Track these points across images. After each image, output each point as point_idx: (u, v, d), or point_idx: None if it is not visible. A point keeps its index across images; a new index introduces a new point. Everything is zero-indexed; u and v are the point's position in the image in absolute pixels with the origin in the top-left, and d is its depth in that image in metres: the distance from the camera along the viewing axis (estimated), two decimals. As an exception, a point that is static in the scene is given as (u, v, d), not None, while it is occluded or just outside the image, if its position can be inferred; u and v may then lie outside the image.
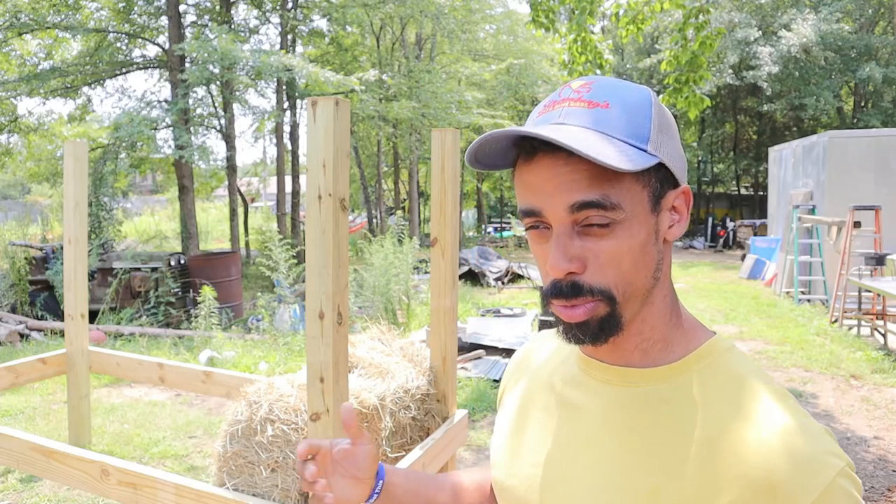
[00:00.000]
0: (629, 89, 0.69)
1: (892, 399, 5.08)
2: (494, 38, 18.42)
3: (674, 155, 0.69)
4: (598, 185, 0.64)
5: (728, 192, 25.31)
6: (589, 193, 0.64)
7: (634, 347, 0.72)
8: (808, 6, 18.43)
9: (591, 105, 0.66)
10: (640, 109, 0.67)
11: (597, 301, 0.67)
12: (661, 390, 0.69)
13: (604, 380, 0.73)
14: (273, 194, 18.39)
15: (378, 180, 18.87)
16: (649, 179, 0.67)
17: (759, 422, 0.63)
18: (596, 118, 0.65)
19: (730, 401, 0.66)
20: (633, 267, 0.67)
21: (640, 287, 0.68)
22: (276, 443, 1.99)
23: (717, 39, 5.42)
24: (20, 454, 2.55)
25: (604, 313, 0.67)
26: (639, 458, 0.67)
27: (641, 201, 0.66)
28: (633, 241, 0.66)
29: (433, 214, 2.58)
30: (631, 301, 0.68)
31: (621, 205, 0.64)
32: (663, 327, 0.72)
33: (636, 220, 0.66)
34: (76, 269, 3.71)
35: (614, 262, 0.66)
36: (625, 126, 0.65)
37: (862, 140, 9.12)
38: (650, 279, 0.69)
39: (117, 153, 10.97)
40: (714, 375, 0.69)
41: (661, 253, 0.70)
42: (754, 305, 9.12)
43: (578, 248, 0.66)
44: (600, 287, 0.66)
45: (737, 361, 0.70)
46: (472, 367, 5.85)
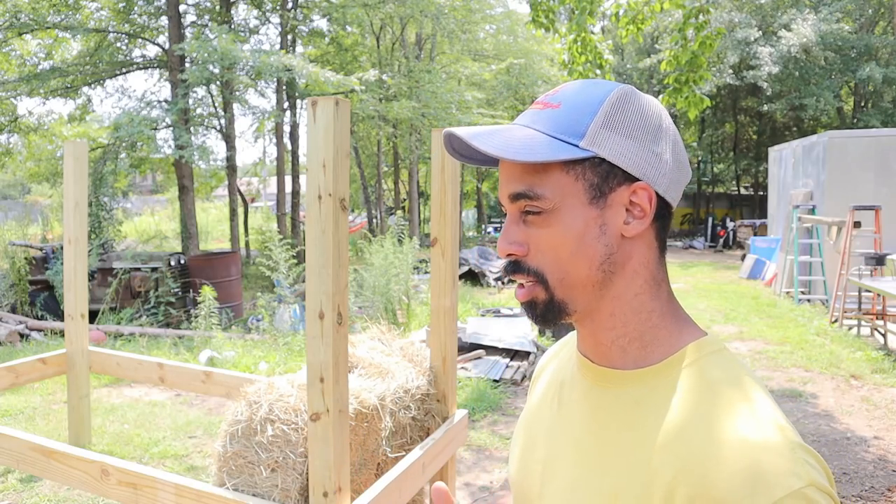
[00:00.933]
0: (590, 89, 0.71)
1: (892, 399, 5.08)
2: (494, 38, 18.42)
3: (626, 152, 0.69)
4: (526, 177, 0.70)
5: (728, 192, 25.32)
6: (518, 185, 0.70)
7: (611, 343, 0.73)
8: (808, 6, 18.43)
9: (546, 106, 0.71)
10: (587, 108, 0.69)
11: (533, 282, 0.71)
12: (634, 393, 0.70)
13: (592, 381, 0.75)
14: (273, 194, 18.40)
15: (378, 180, 18.87)
16: (583, 172, 0.69)
17: (718, 433, 0.61)
18: (537, 118, 0.71)
19: (697, 408, 0.65)
20: (571, 256, 0.70)
21: (581, 277, 0.70)
22: (276, 443, 1.99)
23: (717, 39, 5.42)
24: (20, 454, 2.55)
25: (543, 297, 0.71)
26: (607, 460, 0.69)
27: (574, 193, 0.69)
28: (566, 230, 0.69)
29: (433, 214, 2.58)
30: (573, 290, 0.71)
31: (545, 195, 0.69)
32: (637, 324, 0.72)
33: (569, 212, 0.69)
34: (76, 269, 3.71)
35: (551, 248, 0.70)
36: (560, 123, 0.69)
37: (862, 140, 9.12)
38: (595, 271, 0.70)
39: (117, 153, 10.98)
40: (689, 381, 0.68)
41: (610, 247, 0.70)
42: (754, 305, 9.12)
43: (522, 233, 0.72)
44: (535, 269, 0.71)
45: (717, 366, 0.68)
46: (472, 367, 5.85)
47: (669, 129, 0.72)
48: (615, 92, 0.71)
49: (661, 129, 0.71)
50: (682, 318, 0.75)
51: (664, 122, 0.72)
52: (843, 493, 3.60)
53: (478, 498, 3.57)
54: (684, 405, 0.66)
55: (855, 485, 3.69)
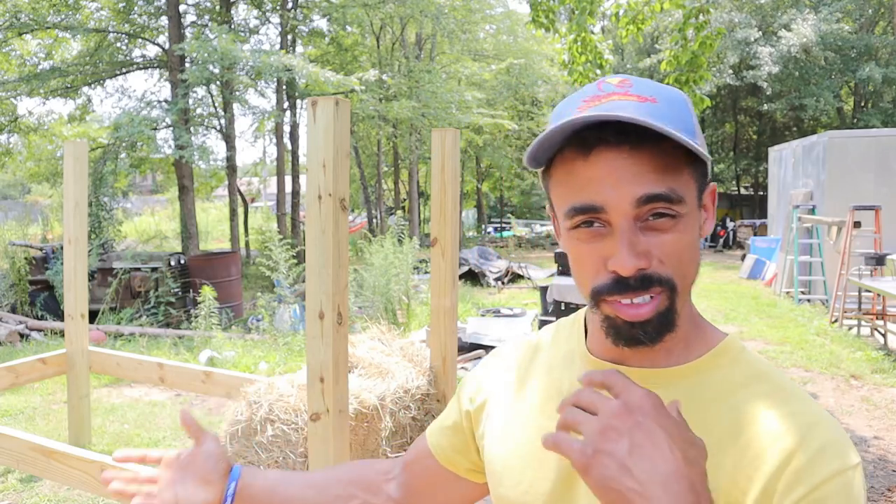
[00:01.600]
0: (666, 88, 0.69)
1: (892, 399, 5.08)
2: (494, 38, 18.43)
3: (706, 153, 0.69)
4: (664, 177, 0.63)
5: (728, 192, 25.30)
6: (656, 186, 0.62)
7: (660, 347, 0.69)
8: (808, 6, 18.43)
9: (642, 99, 0.64)
10: (683, 106, 0.67)
11: (663, 293, 0.65)
12: (685, 388, 0.69)
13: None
14: (273, 194, 18.39)
15: (378, 180, 18.87)
16: (698, 175, 0.67)
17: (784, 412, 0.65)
18: (650, 111, 0.63)
19: (755, 394, 0.67)
20: (690, 260, 0.67)
21: (690, 282, 0.69)
22: (276, 443, 1.99)
23: (717, 39, 5.41)
24: (20, 454, 2.55)
25: (664, 308, 0.65)
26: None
27: (693, 196, 0.67)
28: (690, 234, 0.66)
29: (433, 214, 2.58)
30: (684, 295, 0.68)
31: (684, 198, 0.64)
32: (688, 325, 0.72)
33: (691, 215, 0.66)
34: (76, 269, 3.71)
35: (676, 255, 0.65)
36: (678, 120, 0.64)
37: (862, 140, 9.12)
38: (696, 274, 0.69)
39: (117, 153, 10.97)
40: (736, 371, 0.70)
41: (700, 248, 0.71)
42: (754, 305, 9.12)
43: (644, 243, 0.64)
44: (667, 277, 0.65)
45: (754, 358, 0.72)
46: (472, 367, 5.85)
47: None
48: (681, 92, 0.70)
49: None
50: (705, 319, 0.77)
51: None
52: (843, 493, 3.60)
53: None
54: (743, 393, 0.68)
55: (855, 485, 3.69)
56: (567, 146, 0.66)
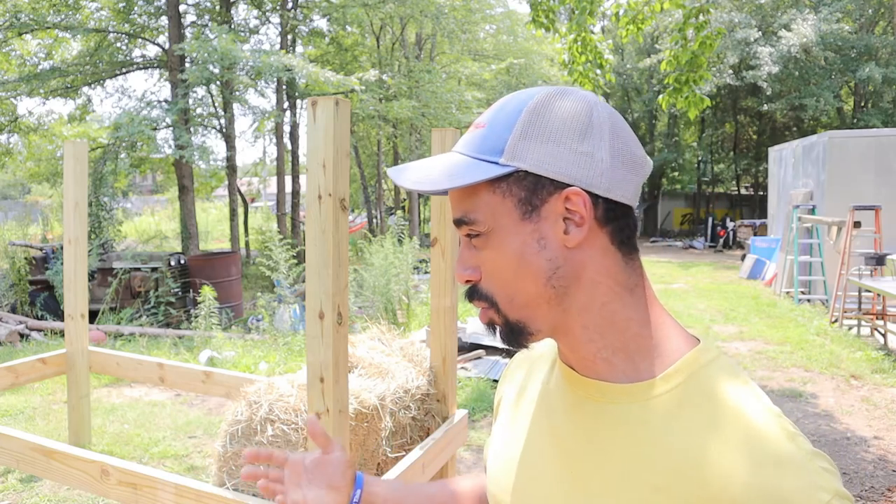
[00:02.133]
0: (511, 102, 0.68)
1: (892, 399, 5.08)
2: (494, 38, 18.43)
3: (549, 159, 0.65)
4: (460, 203, 0.69)
5: (728, 192, 25.33)
6: (456, 211, 0.70)
7: (594, 356, 0.69)
8: (808, 6, 18.43)
9: (475, 128, 0.70)
10: (506, 122, 0.67)
11: (487, 307, 0.70)
12: (637, 409, 0.66)
13: (583, 394, 0.70)
14: (273, 194, 18.39)
15: (378, 180, 18.87)
16: (509, 189, 0.66)
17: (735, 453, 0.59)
18: (466, 141, 0.70)
19: (702, 427, 0.62)
20: (515, 276, 0.67)
21: (530, 295, 0.67)
22: (276, 443, 1.99)
23: (717, 39, 5.42)
24: (20, 454, 2.55)
25: (501, 321, 0.70)
26: (610, 481, 0.65)
27: (505, 212, 0.67)
28: (505, 250, 0.67)
29: (433, 214, 2.58)
30: (526, 309, 0.68)
31: (478, 219, 0.68)
32: (615, 335, 0.68)
33: (503, 231, 0.67)
34: (76, 269, 3.71)
35: (496, 271, 0.68)
36: (483, 143, 0.68)
37: (862, 140, 9.12)
38: (543, 287, 0.66)
39: (117, 153, 10.97)
40: (691, 395, 0.65)
41: (555, 260, 0.66)
42: (754, 305, 9.12)
43: (473, 258, 0.70)
44: (487, 293, 0.70)
45: (717, 378, 0.65)
46: (472, 367, 5.85)
47: (604, 125, 0.66)
48: (534, 99, 0.67)
49: (590, 126, 0.66)
50: (668, 325, 0.70)
51: (596, 119, 0.66)
52: (843, 493, 3.60)
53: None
54: (690, 422, 0.63)
55: (855, 485, 3.69)
56: None
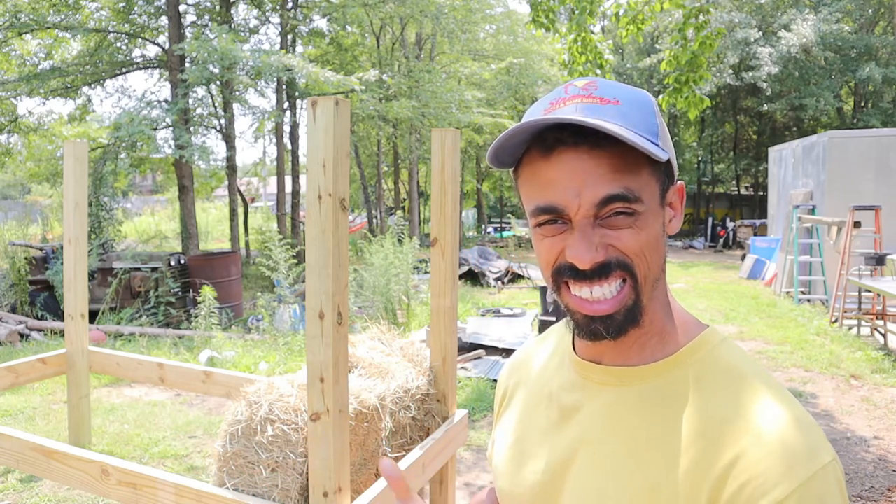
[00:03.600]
0: (632, 90, 0.71)
1: (892, 399, 5.08)
2: (494, 37, 18.42)
3: (672, 152, 0.72)
4: (621, 177, 0.65)
5: (728, 192, 25.32)
6: (615, 186, 0.65)
7: (634, 343, 0.73)
8: (808, 6, 18.42)
9: (604, 101, 0.67)
10: (647, 107, 0.69)
11: (626, 282, 0.68)
12: (657, 387, 0.70)
13: (601, 381, 0.74)
14: (273, 194, 18.39)
15: (378, 180, 18.86)
16: (660, 174, 0.69)
17: (752, 414, 0.64)
18: (614, 113, 0.66)
19: (724, 394, 0.67)
20: (651, 256, 0.69)
21: (654, 277, 0.70)
22: (276, 443, 1.99)
23: (717, 39, 5.42)
24: (20, 454, 2.55)
25: (631, 302, 0.68)
26: (638, 456, 0.68)
27: (655, 195, 0.69)
28: (650, 232, 0.68)
29: (433, 214, 2.58)
30: (646, 289, 0.70)
31: (642, 197, 0.67)
32: (661, 321, 0.73)
33: (651, 213, 0.68)
34: (76, 269, 3.71)
35: (635, 248, 0.67)
36: (639, 121, 0.67)
37: (862, 140, 9.12)
38: (660, 271, 0.71)
39: (117, 153, 10.96)
40: (708, 368, 0.70)
41: (665, 246, 0.72)
42: (754, 305, 9.12)
43: (600, 237, 0.67)
44: (627, 262, 0.67)
45: (730, 353, 0.71)
46: (472, 367, 5.85)
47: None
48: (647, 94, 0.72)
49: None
50: (684, 311, 0.76)
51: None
52: (843, 493, 3.60)
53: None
54: (713, 392, 0.67)
55: (855, 485, 3.69)
56: (531, 147, 0.69)
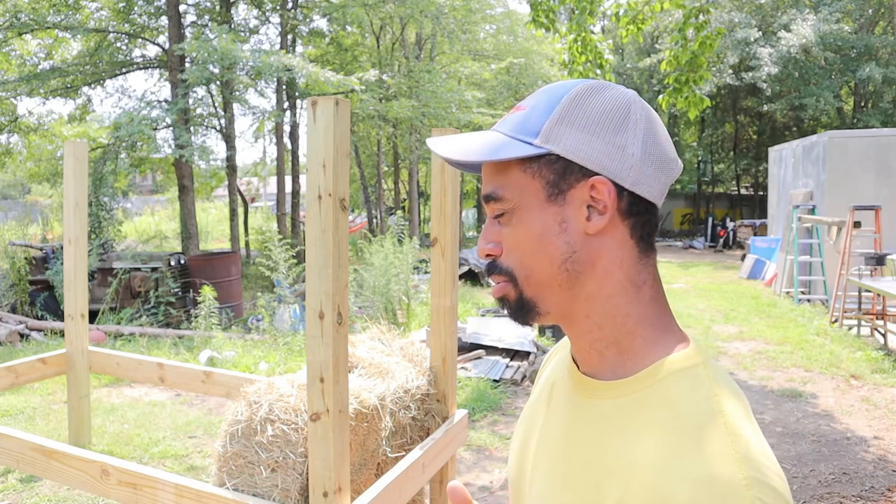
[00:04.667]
0: (557, 89, 0.71)
1: (892, 399, 5.08)
2: (494, 37, 18.42)
3: (582, 146, 0.67)
4: (492, 179, 0.72)
5: (728, 192, 25.32)
6: (487, 187, 0.73)
7: (590, 347, 0.71)
8: (808, 6, 18.42)
9: (516, 110, 0.73)
10: (547, 105, 0.70)
11: (505, 281, 0.73)
12: (604, 406, 0.68)
13: (572, 386, 0.75)
14: (273, 194, 18.40)
15: (378, 180, 18.86)
16: (539, 170, 0.69)
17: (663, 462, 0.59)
18: (505, 121, 0.72)
19: (651, 433, 0.62)
20: (532, 254, 0.70)
21: (544, 275, 0.70)
22: (276, 443, 1.99)
23: (717, 39, 5.43)
24: (20, 454, 2.55)
25: (513, 295, 0.73)
26: (574, 472, 0.68)
27: (533, 192, 0.70)
28: (527, 228, 0.70)
29: (433, 214, 2.58)
30: (540, 288, 0.71)
31: (506, 196, 0.71)
32: (612, 329, 0.69)
33: (528, 210, 0.70)
34: (76, 269, 3.71)
35: (516, 247, 0.71)
36: (520, 123, 0.70)
37: (862, 140, 9.12)
38: (557, 269, 0.69)
39: (117, 153, 10.97)
40: (651, 400, 0.64)
41: (573, 245, 0.68)
42: (754, 305, 9.12)
43: (496, 233, 0.73)
44: (507, 268, 0.72)
45: (682, 387, 0.64)
46: (472, 367, 5.85)
47: (640, 122, 0.68)
48: (577, 87, 0.69)
49: (626, 121, 0.67)
50: (663, 327, 0.70)
51: (633, 115, 0.68)
52: (843, 493, 3.60)
53: (478, 498, 3.57)
54: (641, 429, 0.63)
55: (855, 485, 3.69)
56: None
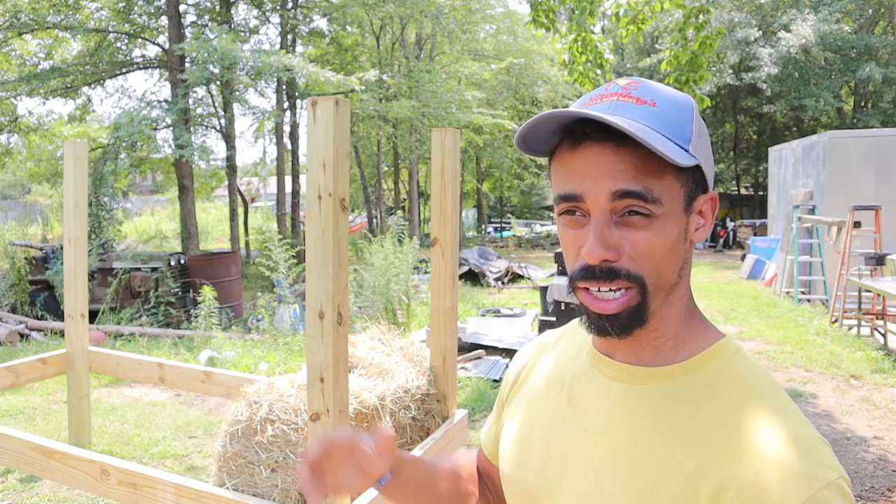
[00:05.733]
0: (673, 93, 0.72)
1: (892, 399, 5.08)
2: (494, 38, 18.42)
3: (708, 160, 0.72)
4: (642, 176, 0.66)
5: (728, 192, 25.30)
6: (633, 183, 0.66)
7: (648, 344, 0.74)
8: (808, 6, 18.42)
9: (640, 102, 0.68)
10: (684, 112, 0.70)
11: (631, 289, 0.68)
12: (667, 388, 0.71)
13: (613, 377, 0.75)
14: (273, 194, 18.39)
15: (378, 180, 18.86)
16: (686, 180, 0.70)
17: (756, 428, 0.65)
18: (645, 114, 0.67)
19: (732, 405, 0.68)
20: (664, 261, 0.69)
21: (666, 282, 0.70)
22: (276, 443, 1.99)
23: (718, 39, 5.42)
24: (20, 454, 2.55)
25: (635, 303, 0.69)
26: (641, 454, 0.69)
27: (678, 200, 0.69)
28: (666, 236, 0.68)
29: (433, 214, 2.58)
30: (658, 294, 0.70)
31: (661, 199, 0.67)
32: (677, 326, 0.74)
33: (671, 217, 0.69)
34: (76, 269, 3.71)
35: (648, 253, 0.68)
36: (671, 125, 0.68)
37: (862, 140, 9.12)
38: (675, 276, 0.71)
39: (117, 153, 10.96)
40: (720, 377, 0.70)
41: (687, 252, 0.73)
42: (754, 305, 9.12)
43: (615, 236, 0.68)
44: (635, 273, 0.68)
45: (743, 365, 0.72)
46: (472, 367, 5.85)
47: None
48: (691, 99, 0.72)
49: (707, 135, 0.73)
50: (706, 319, 0.78)
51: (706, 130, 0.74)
52: (843, 493, 3.60)
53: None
54: (722, 402, 0.68)
55: (855, 485, 3.69)
56: (563, 140, 0.71)
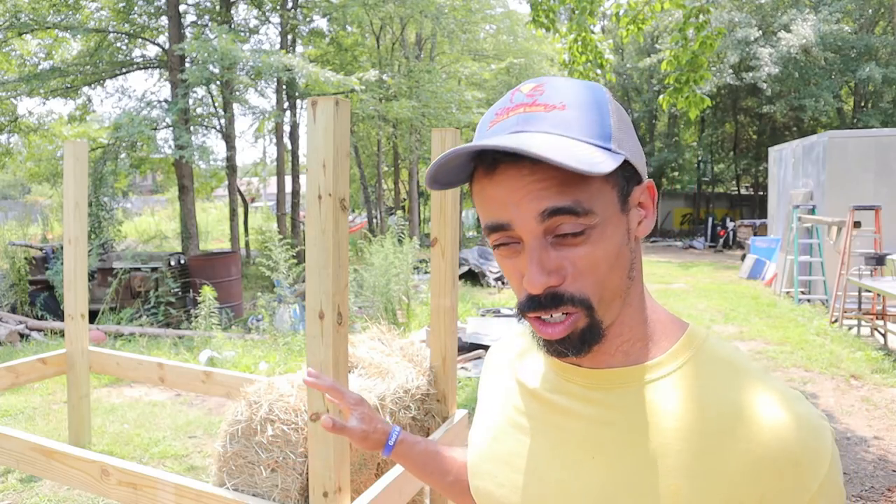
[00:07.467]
0: (583, 88, 0.65)
1: (892, 399, 5.08)
2: (494, 38, 18.42)
3: (635, 150, 0.66)
4: (568, 189, 0.60)
5: (728, 192, 25.33)
6: (560, 199, 0.60)
7: (615, 350, 0.70)
8: (808, 6, 18.42)
9: (549, 108, 0.62)
10: (598, 107, 0.64)
11: (577, 312, 0.64)
12: (653, 387, 0.67)
13: (589, 385, 0.70)
14: (273, 194, 18.39)
15: (378, 180, 18.86)
16: (617, 178, 0.64)
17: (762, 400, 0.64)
18: (557, 122, 0.62)
19: (729, 385, 0.65)
20: (610, 270, 0.64)
21: (617, 290, 0.66)
22: (276, 443, 1.99)
23: (718, 39, 5.42)
24: (20, 454, 2.55)
25: (584, 325, 0.65)
26: (653, 458, 0.64)
27: (611, 202, 0.63)
28: (608, 244, 0.63)
29: (433, 214, 2.57)
30: (610, 305, 0.66)
31: (594, 209, 0.61)
32: (641, 326, 0.70)
33: (608, 223, 0.63)
34: (76, 269, 3.71)
35: (592, 268, 0.63)
36: (587, 126, 0.62)
37: (862, 140, 9.12)
38: (626, 280, 0.66)
39: (117, 153, 10.96)
40: (705, 361, 0.68)
41: (633, 252, 0.67)
42: (754, 305, 9.12)
43: (554, 258, 0.63)
44: (580, 296, 0.63)
45: (720, 347, 0.70)
46: (472, 367, 5.85)
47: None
48: (603, 88, 0.66)
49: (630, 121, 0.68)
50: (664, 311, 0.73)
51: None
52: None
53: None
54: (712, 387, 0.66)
55: (855, 485, 3.69)
56: (477, 166, 0.66)
